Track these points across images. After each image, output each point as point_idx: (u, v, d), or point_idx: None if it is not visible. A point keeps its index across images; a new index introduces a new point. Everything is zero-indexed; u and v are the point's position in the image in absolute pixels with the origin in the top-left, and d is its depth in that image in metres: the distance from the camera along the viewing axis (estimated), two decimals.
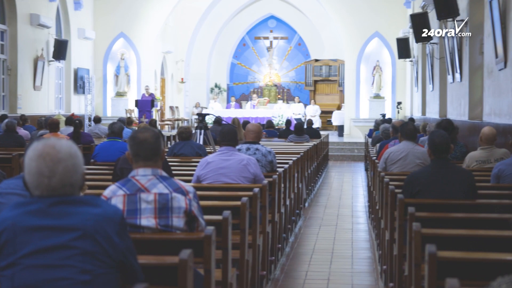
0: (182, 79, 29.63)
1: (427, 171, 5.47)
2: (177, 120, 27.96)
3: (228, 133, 6.36)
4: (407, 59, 22.88)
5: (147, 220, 3.69)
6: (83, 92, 23.37)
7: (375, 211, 8.73)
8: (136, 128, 9.48)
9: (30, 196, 2.69)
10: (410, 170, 7.10)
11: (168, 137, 16.91)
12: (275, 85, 32.86)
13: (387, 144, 9.64)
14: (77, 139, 11.22)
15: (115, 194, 3.72)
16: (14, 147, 10.89)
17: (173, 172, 6.92)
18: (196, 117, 12.86)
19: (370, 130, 18.76)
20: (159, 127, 24.15)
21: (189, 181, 6.29)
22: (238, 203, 4.93)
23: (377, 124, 17.29)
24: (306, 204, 11.61)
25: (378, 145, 11.29)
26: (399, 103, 23.80)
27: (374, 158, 10.21)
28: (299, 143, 14.46)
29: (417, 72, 21.87)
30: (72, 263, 2.57)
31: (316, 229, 9.43)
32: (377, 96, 25.03)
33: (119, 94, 24.94)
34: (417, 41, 17.73)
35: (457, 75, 14.02)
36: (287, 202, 8.22)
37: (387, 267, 6.14)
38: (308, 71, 31.48)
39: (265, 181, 6.20)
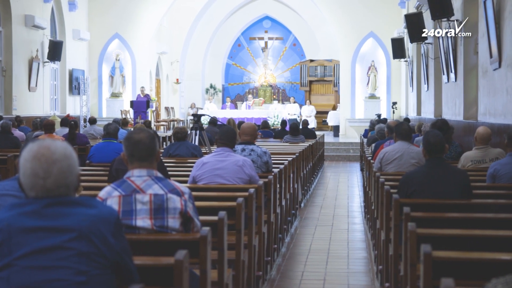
0: (177, 79, 29.62)
1: (422, 171, 5.48)
2: (173, 120, 27.95)
3: (227, 134, 6.35)
4: (402, 59, 22.91)
5: (143, 221, 3.69)
6: (78, 93, 23.34)
7: (371, 211, 8.74)
8: (132, 129, 9.48)
9: (25, 197, 2.68)
10: (405, 170, 7.11)
11: (164, 138, 16.90)
12: (270, 86, 32.87)
13: (382, 144, 9.66)
14: (72, 140, 11.21)
15: (110, 195, 3.72)
16: (9, 149, 10.88)
17: (169, 172, 6.92)
18: (192, 117, 12.85)
19: (366, 130, 18.78)
20: (154, 127, 24.14)
21: (185, 182, 6.29)
22: (234, 203, 4.93)
23: (373, 124, 17.32)
24: (302, 205, 11.61)
25: (373, 145, 11.30)
26: (394, 103, 23.83)
27: (370, 158, 10.22)
28: (295, 144, 14.47)
29: (412, 72, 21.90)
30: (67, 264, 2.57)
31: (312, 229, 9.44)
32: (372, 96, 25.05)
33: (114, 95, 24.91)
34: (412, 41, 17.76)
35: (452, 75, 14.04)
36: (283, 203, 8.22)
37: (382, 267, 6.14)
38: (303, 72, 31.49)
39: (261, 182, 6.20)
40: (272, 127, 22.15)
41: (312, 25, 30.92)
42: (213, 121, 15.17)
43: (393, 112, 23.75)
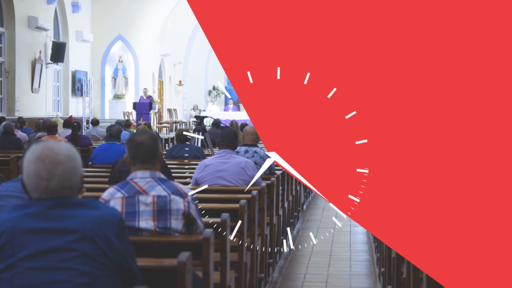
0: (180, 81, 29.64)
1: None
2: (175, 122, 27.97)
3: (228, 135, 6.35)
4: None
5: (146, 223, 3.69)
6: (81, 95, 23.37)
7: None
8: (134, 130, 9.48)
9: (29, 198, 2.69)
10: None
11: (166, 140, 16.91)
12: None
13: None
14: (75, 142, 11.21)
15: (113, 197, 3.72)
16: (12, 150, 10.89)
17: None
18: (194, 119, 12.85)
19: None
20: (157, 129, 24.16)
21: (187, 184, 6.30)
22: (237, 205, 4.93)
23: None
24: (304, 207, 11.61)
25: None
26: None
27: None
28: None
29: None
30: (71, 266, 2.57)
31: (314, 231, 9.43)
32: None
33: (117, 97, 24.94)
34: None
35: None
36: (285, 205, 8.22)
37: (385, 269, 6.14)
38: None
39: (263, 184, 6.21)
40: None
41: None
42: (216, 123, 15.17)
43: None
